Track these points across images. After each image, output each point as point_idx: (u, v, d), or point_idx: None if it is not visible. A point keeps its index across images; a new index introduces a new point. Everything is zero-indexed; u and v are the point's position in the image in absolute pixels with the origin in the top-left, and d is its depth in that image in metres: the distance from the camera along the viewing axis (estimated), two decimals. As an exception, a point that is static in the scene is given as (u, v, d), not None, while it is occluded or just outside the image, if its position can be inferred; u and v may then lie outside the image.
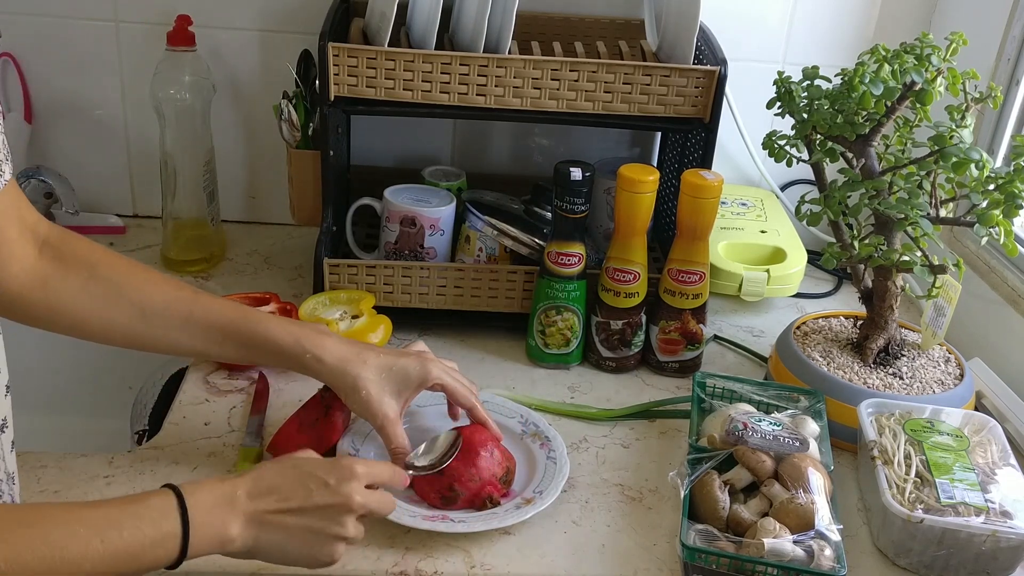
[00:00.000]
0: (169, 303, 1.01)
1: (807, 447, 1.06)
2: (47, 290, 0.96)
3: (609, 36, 1.47)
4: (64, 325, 0.99)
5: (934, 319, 1.24)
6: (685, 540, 0.97)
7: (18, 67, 1.52)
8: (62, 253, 0.97)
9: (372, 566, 0.98)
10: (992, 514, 0.99)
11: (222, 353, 1.05)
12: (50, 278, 0.96)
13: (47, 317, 0.97)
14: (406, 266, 1.34)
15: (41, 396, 1.50)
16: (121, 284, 1.00)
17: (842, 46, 1.56)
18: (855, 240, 1.21)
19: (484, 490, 1.04)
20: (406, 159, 1.60)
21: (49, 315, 0.97)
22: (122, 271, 1.01)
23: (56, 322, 0.98)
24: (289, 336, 1.02)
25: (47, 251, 0.97)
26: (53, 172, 1.52)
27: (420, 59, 1.23)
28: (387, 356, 1.04)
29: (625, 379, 1.33)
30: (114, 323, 0.99)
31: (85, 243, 1.01)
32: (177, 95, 1.43)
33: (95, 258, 1.00)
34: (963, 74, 1.14)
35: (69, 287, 0.97)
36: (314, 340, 1.03)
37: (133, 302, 1.00)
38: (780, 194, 1.65)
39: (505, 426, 1.16)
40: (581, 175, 1.23)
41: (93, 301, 0.98)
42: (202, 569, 0.95)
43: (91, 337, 1.00)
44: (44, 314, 0.97)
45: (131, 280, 1.01)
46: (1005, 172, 1.09)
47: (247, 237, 1.61)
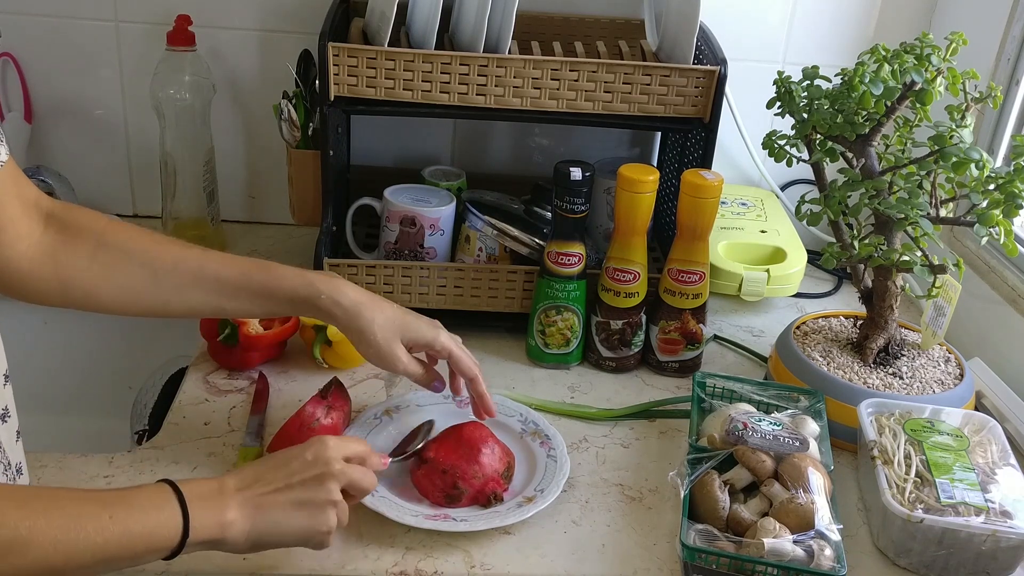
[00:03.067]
0: (178, 262, 1.01)
1: (807, 447, 1.06)
2: (57, 263, 0.96)
3: (609, 36, 1.47)
4: (77, 297, 0.98)
5: (934, 319, 1.24)
6: (685, 540, 0.97)
7: (18, 67, 1.52)
8: (67, 225, 0.98)
9: (372, 566, 0.98)
10: (992, 514, 0.99)
11: (236, 307, 1.04)
12: (58, 251, 0.96)
13: (59, 291, 0.97)
14: (406, 266, 1.34)
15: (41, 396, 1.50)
16: (129, 248, 1.00)
17: (842, 46, 1.56)
18: (855, 240, 1.21)
19: (487, 486, 1.04)
20: (406, 159, 1.60)
21: (61, 288, 0.97)
22: (129, 236, 1.01)
23: (68, 295, 0.98)
24: (302, 280, 1.03)
25: (52, 224, 0.97)
26: (53, 172, 1.52)
27: (420, 59, 1.23)
28: (400, 311, 1.06)
29: (625, 379, 1.33)
30: (126, 288, 0.99)
31: (88, 213, 1.01)
32: (177, 95, 1.43)
33: (100, 226, 1.00)
34: (963, 74, 1.14)
35: (78, 257, 0.97)
36: (329, 283, 1.04)
37: (143, 263, 1.00)
38: (780, 194, 1.65)
39: (505, 425, 1.16)
40: (581, 175, 1.23)
41: (103, 268, 0.98)
42: (202, 569, 0.95)
43: (105, 307, 1.00)
44: (56, 288, 0.97)
45: (139, 243, 1.01)
46: (1005, 172, 1.09)
47: (247, 237, 1.61)
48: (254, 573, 0.96)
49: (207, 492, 0.85)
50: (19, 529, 0.73)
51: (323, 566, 0.97)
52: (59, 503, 0.77)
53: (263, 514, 0.86)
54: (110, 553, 0.78)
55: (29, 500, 0.76)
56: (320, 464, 0.89)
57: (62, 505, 0.77)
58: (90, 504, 0.78)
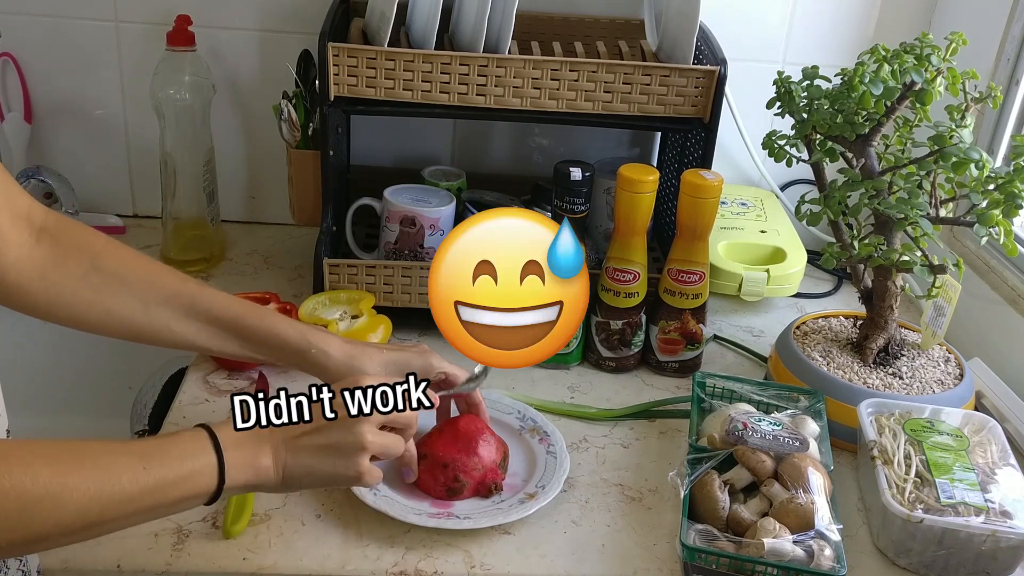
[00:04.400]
0: (172, 296, 1.00)
1: (807, 447, 1.06)
2: (46, 280, 0.94)
3: (609, 36, 1.47)
4: (63, 316, 0.97)
5: (934, 319, 1.24)
6: (685, 540, 0.97)
7: (18, 67, 1.52)
8: (61, 242, 0.96)
9: (372, 566, 0.98)
10: (992, 514, 0.99)
11: (224, 348, 1.04)
12: (48, 268, 0.94)
13: (46, 307, 0.96)
14: (406, 266, 1.34)
15: (41, 396, 1.50)
16: (123, 275, 0.98)
17: (842, 46, 1.56)
18: (855, 240, 1.21)
19: (487, 477, 1.05)
20: (406, 159, 1.60)
21: (48, 305, 0.95)
22: (124, 262, 0.99)
23: (54, 312, 0.96)
24: (294, 331, 1.03)
25: (45, 239, 0.95)
26: (53, 172, 1.52)
27: (420, 59, 1.23)
28: (389, 351, 1.06)
29: (625, 379, 1.33)
30: (114, 314, 0.98)
31: (85, 231, 0.99)
32: (177, 95, 1.43)
33: (96, 248, 0.98)
34: (963, 74, 1.14)
35: (69, 277, 0.96)
36: (319, 336, 1.04)
37: (136, 294, 0.98)
38: (780, 194, 1.65)
39: (503, 422, 1.16)
40: (581, 175, 1.23)
41: (94, 292, 0.97)
42: (202, 569, 0.95)
43: (90, 328, 0.99)
44: (43, 304, 0.95)
45: (134, 271, 0.99)
46: (1005, 172, 1.09)
47: (247, 237, 1.61)
48: (254, 573, 0.96)
49: (243, 437, 0.85)
50: (52, 485, 0.73)
51: (323, 566, 0.97)
52: (92, 456, 0.77)
53: (295, 457, 0.87)
54: (146, 503, 0.78)
55: (61, 455, 0.76)
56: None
57: (95, 458, 0.77)
58: (124, 455, 0.79)
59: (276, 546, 0.99)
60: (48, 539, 0.75)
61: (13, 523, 0.72)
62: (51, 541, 0.75)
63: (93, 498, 0.75)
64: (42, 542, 0.75)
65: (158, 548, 0.97)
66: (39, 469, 0.73)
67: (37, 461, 0.74)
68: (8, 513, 0.71)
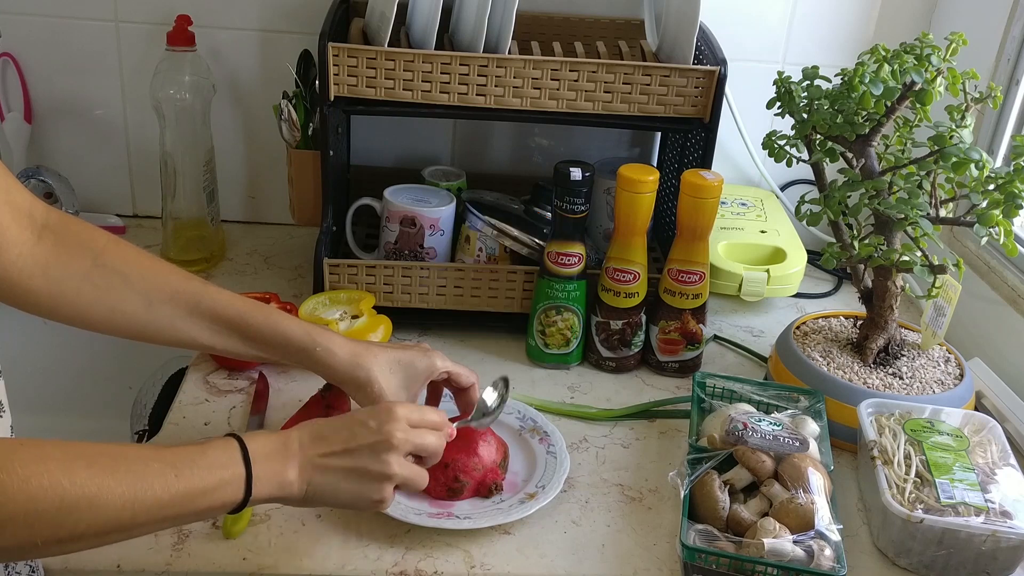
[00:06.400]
0: (175, 294, 0.99)
1: (807, 447, 1.06)
2: (48, 278, 0.93)
3: (609, 36, 1.47)
4: (65, 313, 0.96)
5: (934, 319, 1.24)
6: (685, 540, 0.97)
7: (18, 67, 1.52)
8: (63, 239, 0.95)
9: (372, 566, 0.98)
10: (992, 514, 0.99)
11: (228, 346, 1.03)
12: (51, 265, 0.94)
13: (48, 305, 0.95)
14: (406, 266, 1.34)
15: (41, 396, 1.50)
16: (127, 273, 0.97)
17: (842, 46, 1.56)
18: (855, 240, 1.21)
19: (488, 477, 1.05)
20: (406, 159, 1.60)
21: (51, 303, 0.95)
22: (127, 259, 0.98)
23: (57, 310, 0.96)
24: (300, 329, 1.02)
25: (47, 237, 0.94)
26: (53, 172, 1.52)
27: (420, 59, 1.23)
28: (394, 350, 1.05)
29: (625, 379, 1.33)
30: (117, 312, 0.97)
31: (87, 229, 0.98)
32: (177, 95, 1.43)
33: (99, 245, 0.97)
34: (963, 74, 1.14)
35: (71, 275, 0.95)
36: (324, 335, 1.03)
37: (139, 292, 0.98)
38: (780, 194, 1.65)
39: (503, 422, 1.16)
40: (581, 175, 1.23)
41: (96, 290, 0.96)
42: (202, 569, 0.95)
43: (93, 326, 0.98)
44: (46, 302, 0.94)
45: (137, 269, 0.98)
46: (1005, 172, 1.09)
47: (247, 237, 1.61)
48: (254, 573, 0.96)
49: (272, 451, 0.86)
50: (89, 487, 0.73)
51: (323, 566, 0.97)
52: (126, 461, 0.78)
53: (320, 477, 0.88)
54: (175, 510, 0.79)
55: (98, 458, 0.76)
56: (383, 433, 0.90)
57: (129, 463, 0.77)
58: (156, 462, 0.79)
59: (276, 546, 0.99)
60: (81, 540, 0.75)
61: (49, 523, 0.72)
62: (83, 542, 0.76)
63: (127, 502, 0.75)
64: (75, 543, 0.76)
65: (158, 548, 0.97)
66: (77, 471, 0.74)
67: (76, 463, 0.74)
68: (45, 513, 0.72)
